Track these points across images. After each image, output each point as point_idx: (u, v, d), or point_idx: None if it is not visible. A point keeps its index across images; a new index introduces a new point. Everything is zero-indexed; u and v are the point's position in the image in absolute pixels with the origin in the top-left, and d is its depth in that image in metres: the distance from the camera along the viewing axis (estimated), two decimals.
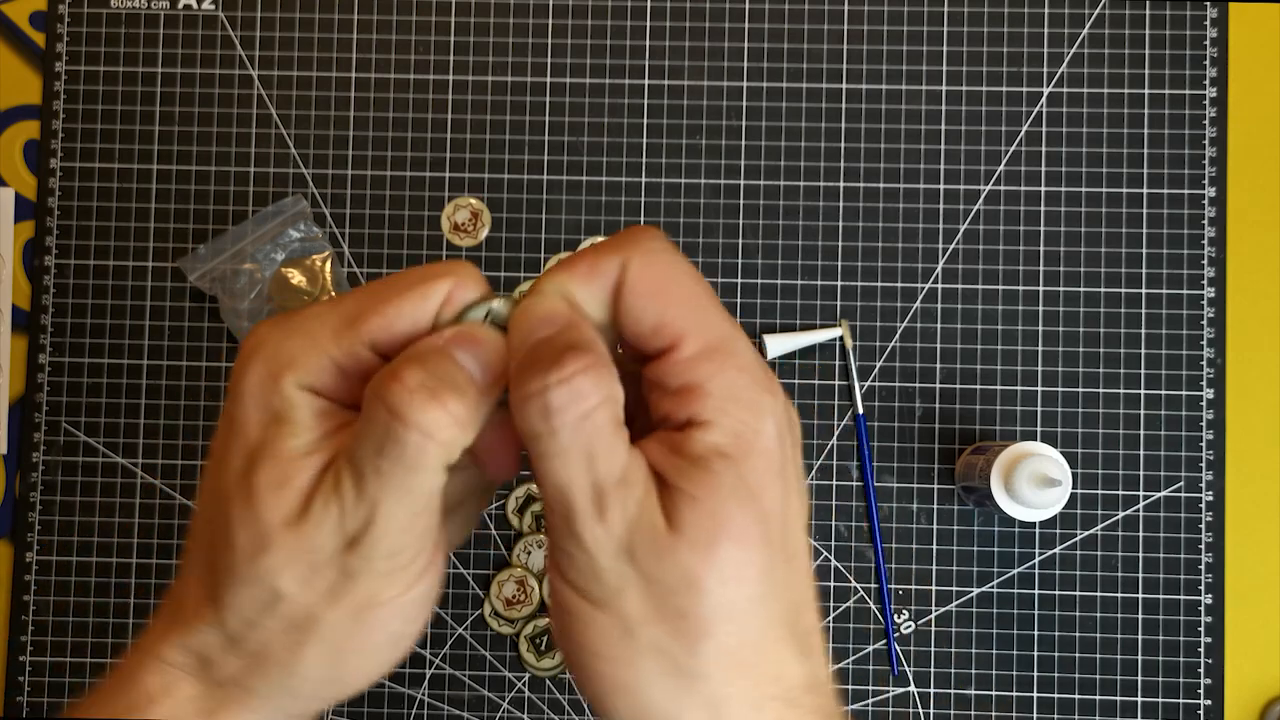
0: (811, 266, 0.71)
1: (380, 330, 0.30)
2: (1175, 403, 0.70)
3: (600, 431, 0.28)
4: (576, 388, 0.28)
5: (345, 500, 0.29)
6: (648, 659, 0.29)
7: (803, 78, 0.72)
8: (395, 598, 0.31)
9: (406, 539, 0.30)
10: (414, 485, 0.29)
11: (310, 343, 0.30)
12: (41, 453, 0.71)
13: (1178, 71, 0.71)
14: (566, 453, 0.28)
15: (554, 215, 0.72)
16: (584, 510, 0.28)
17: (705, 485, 0.28)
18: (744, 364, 0.29)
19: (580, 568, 0.29)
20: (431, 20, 0.73)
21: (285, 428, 0.30)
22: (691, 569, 0.28)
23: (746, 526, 0.28)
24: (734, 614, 0.29)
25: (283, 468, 0.30)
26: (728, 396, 0.29)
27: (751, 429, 0.29)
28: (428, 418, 0.28)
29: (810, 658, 0.30)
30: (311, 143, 0.73)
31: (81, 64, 0.73)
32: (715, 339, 0.29)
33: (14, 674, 0.70)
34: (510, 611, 0.69)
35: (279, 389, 0.30)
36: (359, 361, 0.30)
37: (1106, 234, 0.71)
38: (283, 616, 0.30)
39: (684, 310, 0.30)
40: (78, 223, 0.72)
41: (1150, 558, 0.69)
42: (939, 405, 0.70)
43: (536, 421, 0.28)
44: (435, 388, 0.28)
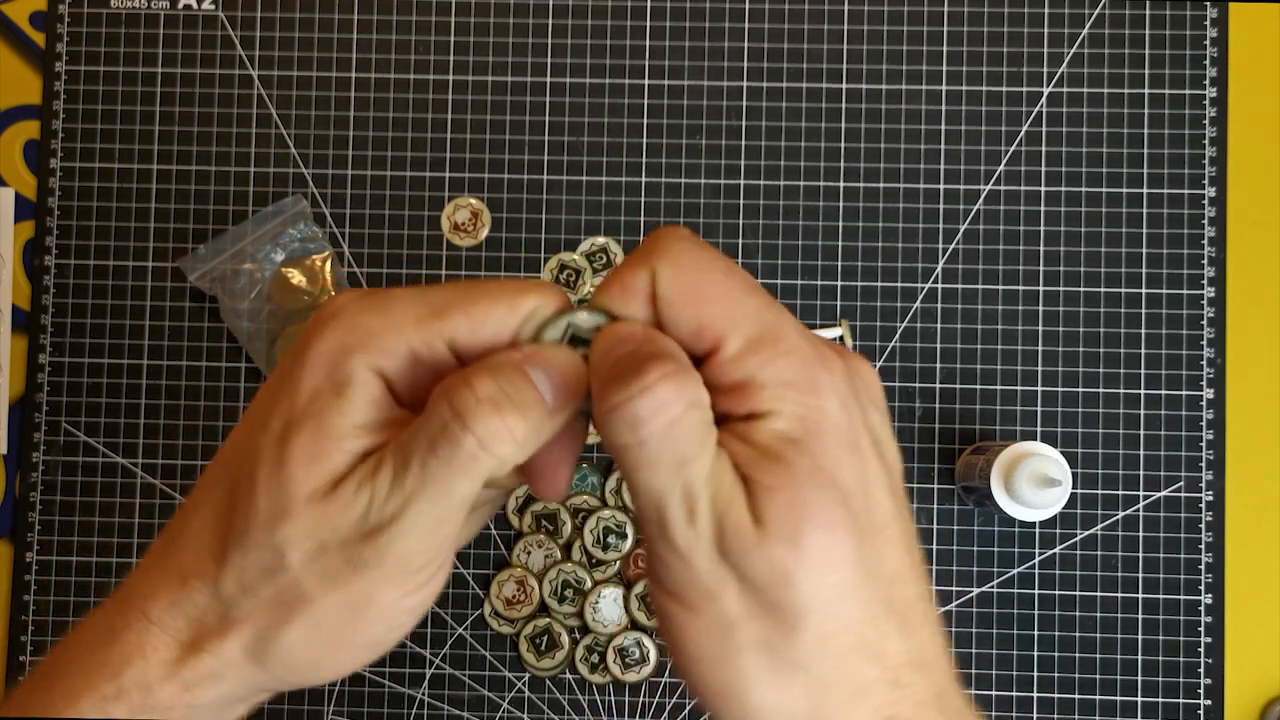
0: (811, 266, 0.71)
1: (464, 330, 0.30)
2: (1175, 403, 0.70)
3: (688, 436, 0.28)
4: (659, 396, 0.28)
5: (379, 490, 0.29)
6: (748, 656, 0.29)
7: (803, 78, 0.72)
8: (392, 601, 0.30)
9: (423, 544, 0.30)
10: (453, 490, 0.29)
11: (392, 324, 0.30)
12: (41, 453, 0.71)
13: (1178, 71, 0.71)
14: (657, 462, 0.28)
15: (554, 215, 0.72)
16: (676, 516, 0.28)
17: (780, 475, 0.28)
18: (791, 346, 0.29)
19: (676, 574, 0.29)
20: (431, 20, 0.73)
21: (339, 403, 0.30)
22: (780, 562, 0.28)
23: (827, 510, 0.28)
24: (827, 600, 0.28)
25: (322, 442, 0.29)
26: (782, 383, 0.29)
27: (814, 409, 0.29)
28: (488, 428, 0.28)
29: (914, 633, 0.30)
30: (311, 143, 0.73)
31: (81, 64, 0.73)
32: (757, 330, 0.29)
33: (14, 674, 0.70)
34: (510, 611, 0.69)
35: (347, 362, 0.30)
36: (434, 355, 0.30)
37: (1106, 234, 0.71)
38: (278, 587, 0.30)
39: (720, 308, 0.29)
40: (78, 223, 0.72)
41: (1150, 558, 0.69)
42: (939, 405, 0.70)
43: (624, 433, 0.28)
44: (502, 402, 0.29)
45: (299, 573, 0.30)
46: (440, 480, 0.29)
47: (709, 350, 0.29)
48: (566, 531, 0.70)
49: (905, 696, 0.29)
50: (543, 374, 0.30)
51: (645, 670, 0.69)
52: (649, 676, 0.69)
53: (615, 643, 0.69)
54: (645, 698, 0.69)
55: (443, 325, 0.30)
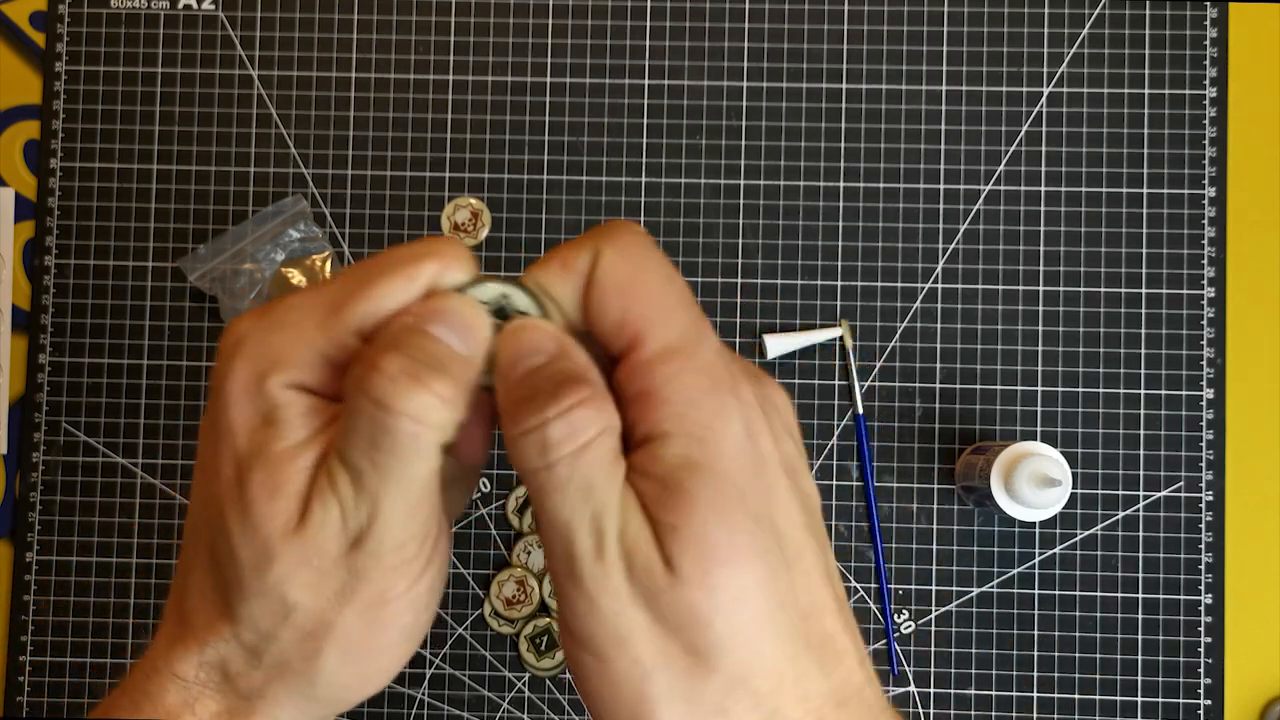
0: (811, 266, 0.71)
1: (366, 316, 0.29)
2: (1175, 403, 0.70)
3: (598, 464, 0.27)
4: (574, 421, 0.27)
5: (344, 499, 0.28)
6: (662, 705, 0.28)
7: (803, 78, 0.72)
8: (406, 590, 0.30)
9: (411, 529, 0.29)
10: (412, 474, 0.28)
11: (295, 336, 0.29)
12: (41, 453, 0.71)
13: (1178, 71, 0.71)
14: (564, 488, 0.27)
15: (554, 215, 0.72)
16: (584, 549, 0.27)
17: (684, 510, 0.27)
18: (703, 364, 0.28)
19: (582, 615, 0.28)
20: (431, 20, 0.73)
21: (274, 430, 0.29)
22: (694, 607, 0.27)
23: (734, 545, 0.27)
24: (741, 641, 0.27)
25: (275, 473, 0.28)
26: (685, 401, 0.27)
27: (715, 433, 0.27)
28: (415, 403, 0.27)
29: (833, 669, 0.28)
30: (311, 143, 0.73)
31: (81, 64, 0.73)
32: (676, 338, 0.28)
33: (14, 674, 0.70)
34: (510, 611, 0.69)
35: (265, 390, 0.29)
36: (347, 351, 0.29)
37: (1106, 234, 0.71)
38: (297, 626, 0.29)
39: (647, 307, 0.28)
40: (78, 223, 0.72)
41: (1150, 558, 0.69)
42: (939, 405, 0.70)
43: (534, 457, 0.27)
44: (416, 371, 0.27)
45: (309, 604, 0.29)
46: (395, 470, 0.28)
47: (624, 349, 0.28)
48: None
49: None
50: (445, 325, 0.28)
51: None
52: None
53: None
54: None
55: (344, 319, 0.29)
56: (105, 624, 0.70)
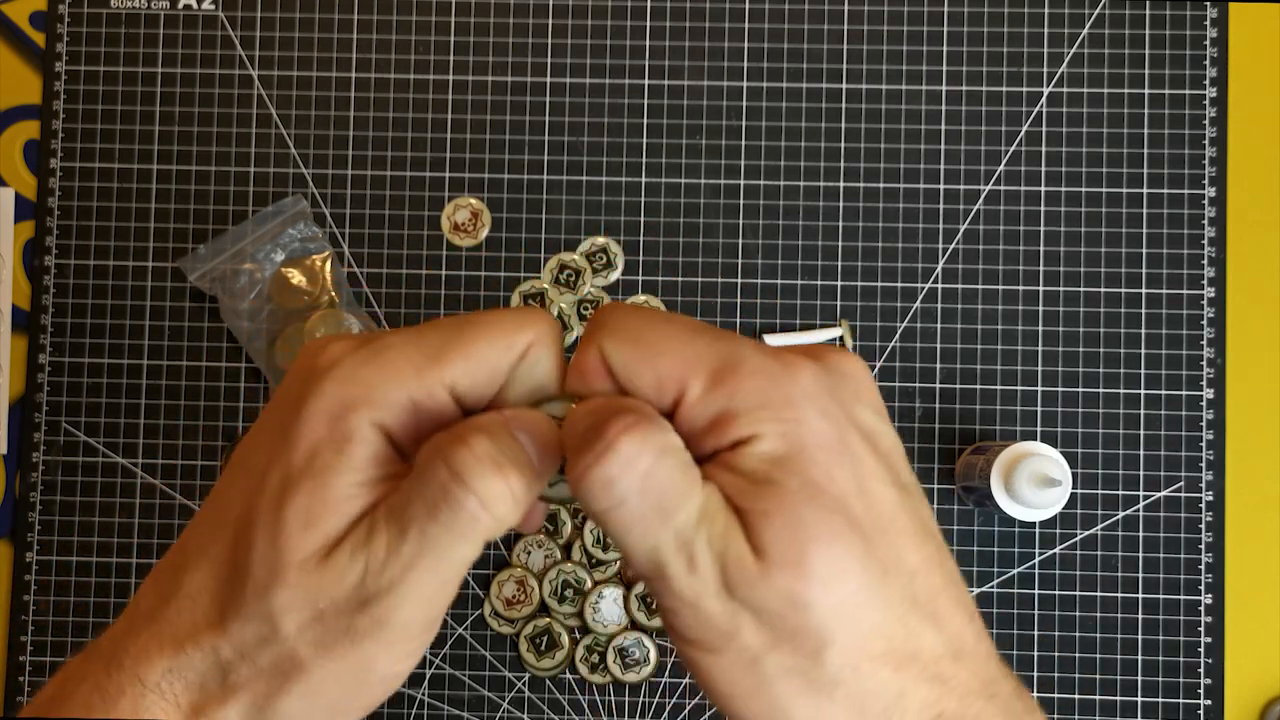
0: (811, 266, 0.71)
1: (463, 373, 0.29)
2: (1175, 403, 0.70)
3: (667, 485, 0.27)
4: (625, 451, 0.27)
5: (374, 557, 0.28)
6: (780, 684, 0.28)
7: (803, 78, 0.72)
8: (387, 666, 0.30)
9: (423, 611, 0.29)
10: (454, 555, 0.28)
11: (392, 375, 0.29)
12: (41, 453, 0.71)
13: (1178, 71, 0.71)
14: (642, 520, 0.27)
15: (554, 215, 0.72)
16: (677, 569, 0.28)
17: (771, 499, 0.28)
18: (754, 368, 0.29)
19: (689, 621, 0.28)
20: (431, 20, 0.73)
21: (340, 461, 0.29)
22: (789, 589, 0.27)
23: (826, 523, 0.28)
24: (846, 613, 0.28)
25: (318, 503, 0.28)
26: (755, 406, 0.28)
27: (793, 423, 0.28)
28: (490, 488, 0.28)
29: (946, 623, 0.29)
30: (311, 143, 0.73)
31: (81, 64, 0.73)
32: (715, 364, 0.29)
33: (14, 674, 0.70)
34: (510, 611, 0.69)
35: (350, 417, 0.29)
36: (435, 403, 0.29)
37: (1106, 234, 0.71)
38: (273, 655, 0.29)
39: (672, 357, 0.29)
40: (78, 223, 0.72)
41: (1150, 558, 0.69)
42: (939, 405, 0.70)
43: (600, 498, 0.27)
44: (501, 460, 0.28)
45: (295, 642, 0.29)
46: (441, 545, 0.28)
47: (676, 399, 0.29)
48: (566, 531, 0.70)
49: (949, 691, 0.29)
50: (525, 434, 0.29)
51: (645, 670, 0.69)
52: (649, 676, 0.69)
53: (615, 643, 0.69)
54: (645, 698, 0.69)
55: (443, 370, 0.29)
56: (105, 624, 0.70)
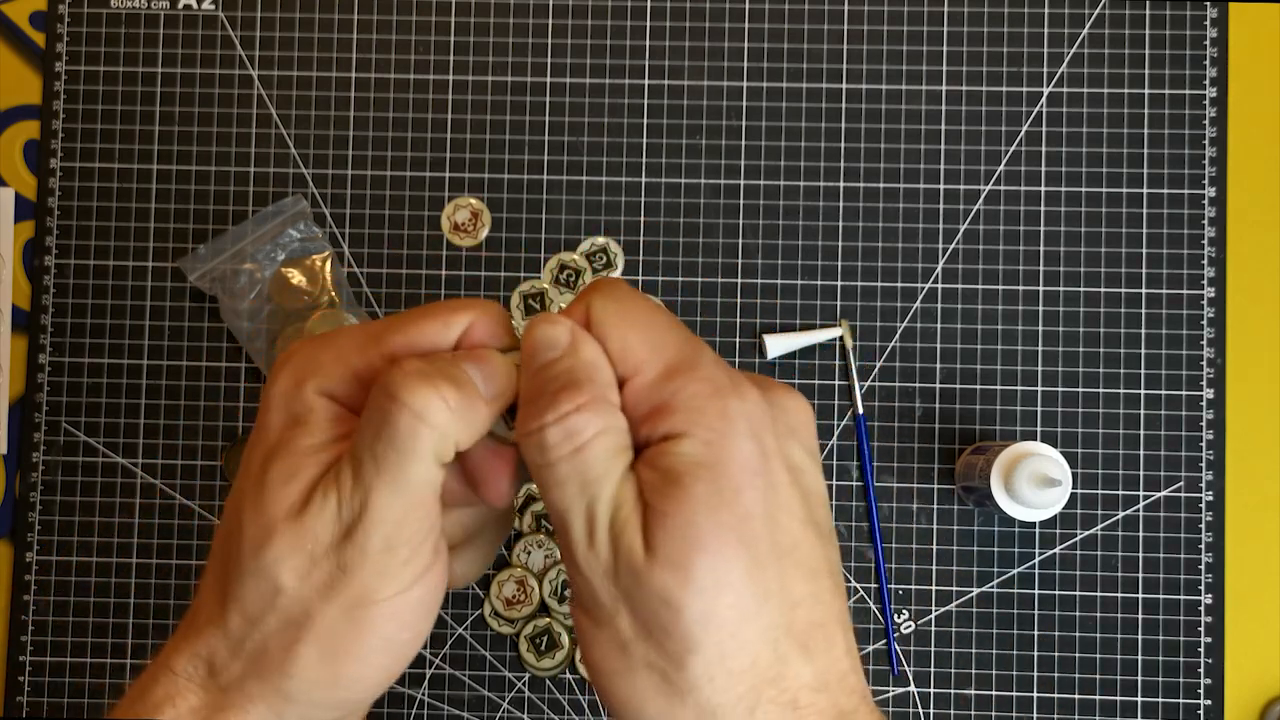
0: (811, 266, 0.71)
1: (400, 346, 0.32)
2: (1175, 403, 0.70)
3: (593, 462, 0.30)
4: (570, 426, 0.29)
5: (343, 489, 0.30)
6: (642, 674, 0.30)
7: (803, 78, 0.72)
8: (390, 597, 0.31)
9: (401, 532, 0.31)
10: (408, 473, 0.30)
11: (335, 354, 0.32)
12: (41, 453, 0.71)
13: (1178, 71, 0.71)
14: (563, 483, 0.30)
15: (554, 215, 0.72)
16: (578, 536, 0.30)
17: (676, 500, 0.29)
18: (705, 374, 0.30)
19: (580, 589, 0.31)
20: (431, 20, 0.73)
21: (301, 428, 0.31)
22: (666, 588, 0.29)
23: (719, 535, 0.29)
24: (718, 623, 0.29)
25: (293, 463, 0.31)
26: (693, 408, 0.30)
27: (719, 433, 0.30)
28: (419, 398, 0.29)
29: (816, 656, 0.30)
30: (311, 143, 0.73)
31: (81, 64, 0.73)
32: (674, 359, 0.31)
33: (14, 674, 0.70)
34: (510, 611, 0.69)
35: (300, 394, 0.32)
36: (376, 372, 0.32)
37: (1106, 234, 0.71)
38: (281, 611, 0.31)
39: (643, 335, 0.31)
40: (78, 223, 0.72)
41: (1150, 558, 0.69)
42: (939, 405, 0.70)
43: (535, 454, 0.30)
44: (430, 374, 0.30)
45: (295, 589, 0.31)
46: (391, 464, 0.30)
47: (629, 374, 0.31)
48: None
49: (803, 717, 0.30)
50: (474, 365, 0.31)
51: None
52: None
53: None
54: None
55: (380, 345, 0.32)
56: (105, 624, 0.70)
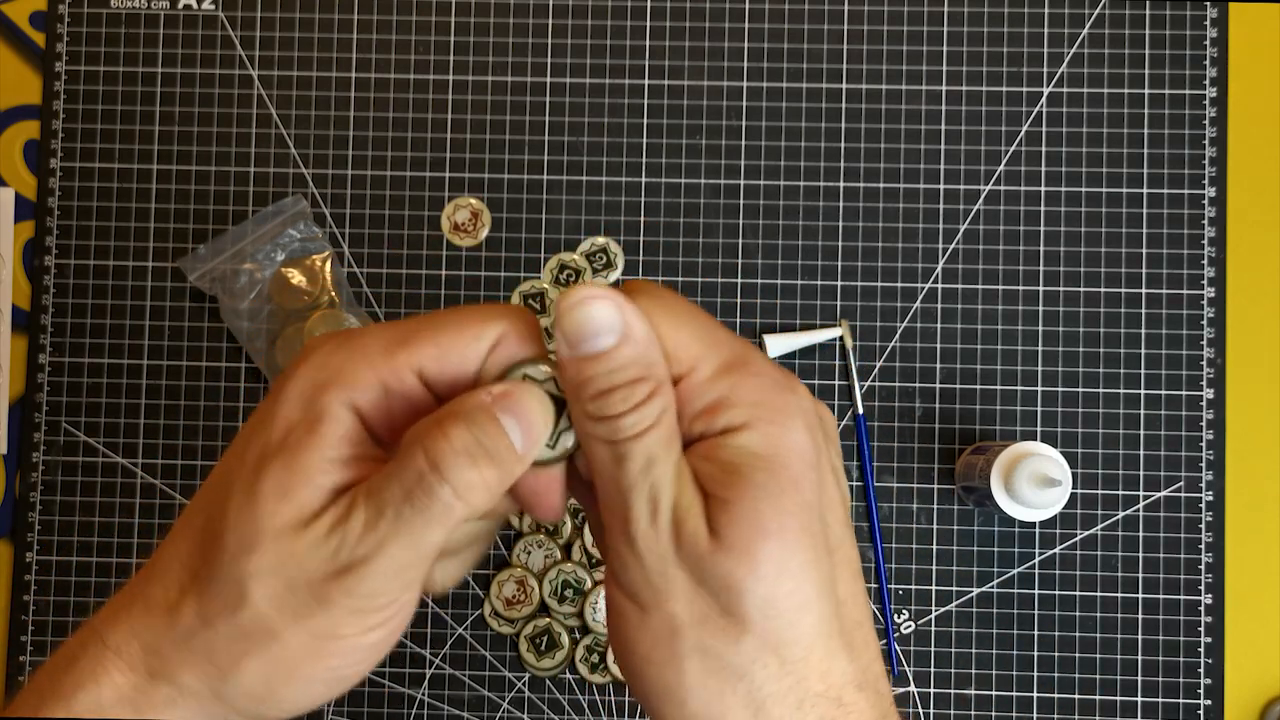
0: (811, 266, 0.71)
1: (430, 359, 0.31)
2: (1175, 403, 0.70)
3: (659, 442, 0.30)
4: (642, 412, 0.29)
5: (351, 533, 0.29)
6: (693, 660, 0.30)
7: (803, 78, 0.72)
8: (353, 636, 0.31)
9: (391, 584, 0.30)
10: (425, 537, 0.30)
11: (360, 357, 0.31)
12: (41, 453, 0.71)
13: (1178, 71, 0.71)
14: (627, 461, 0.30)
15: (554, 215, 0.72)
16: (640, 513, 0.30)
17: (739, 488, 0.29)
18: (761, 370, 0.31)
19: (631, 570, 0.30)
20: (431, 20, 0.73)
21: (312, 438, 0.30)
22: (731, 572, 0.29)
23: (783, 523, 0.29)
24: (776, 611, 0.29)
25: (293, 475, 0.30)
26: (753, 401, 0.30)
27: (780, 425, 0.30)
28: (465, 480, 0.29)
29: (859, 654, 0.31)
30: (311, 143, 0.73)
31: (81, 64, 0.73)
32: (728, 356, 0.31)
33: (14, 674, 0.70)
34: (510, 611, 0.69)
35: (322, 397, 0.30)
36: (404, 386, 0.31)
37: (1106, 234, 0.71)
38: (241, 624, 0.30)
39: (692, 337, 0.31)
40: (78, 223, 0.72)
41: (1150, 558, 0.69)
42: (939, 405, 0.70)
43: (604, 435, 0.30)
44: (477, 453, 0.29)
45: (263, 608, 0.30)
46: (414, 527, 0.29)
47: (682, 371, 0.31)
48: (566, 531, 0.70)
49: (846, 714, 0.30)
50: (513, 419, 0.30)
51: None
52: None
53: None
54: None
55: (410, 354, 0.31)
56: None
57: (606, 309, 0.30)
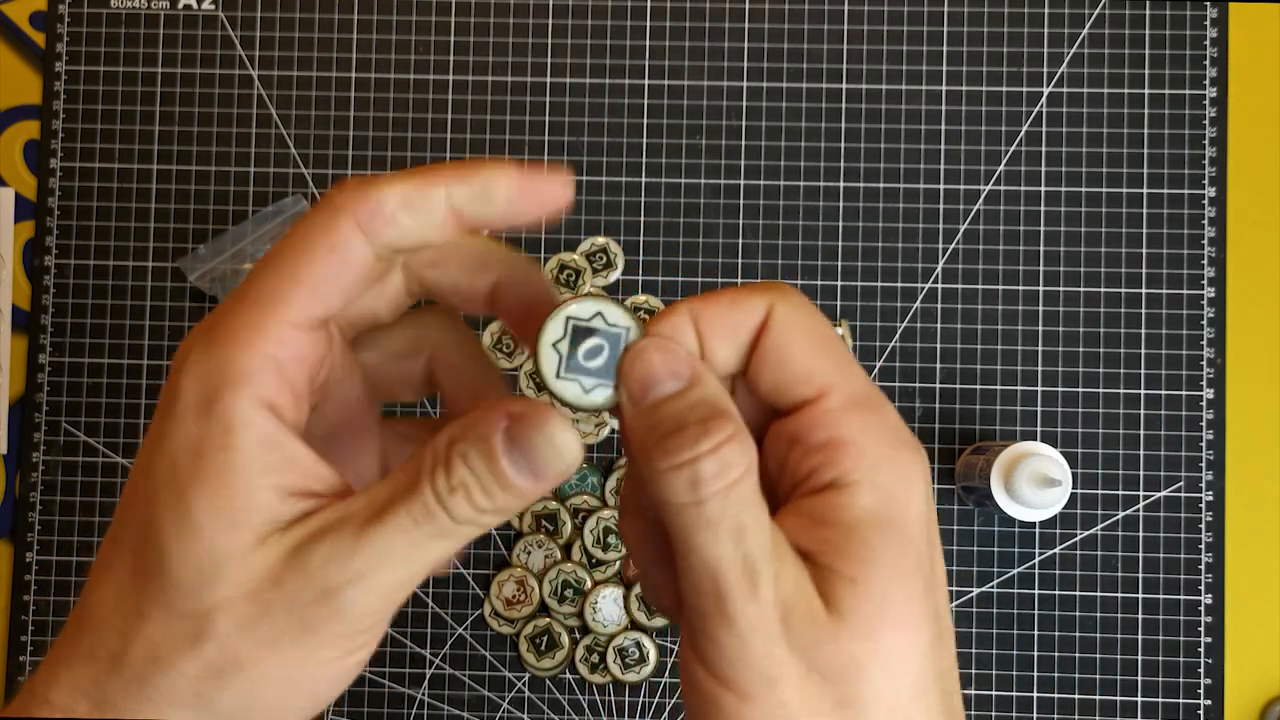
0: (811, 266, 0.71)
1: (304, 306, 0.27)
2: (1175, 403, 0.70)
3: (747, 501, 0.26)
4: (726, 458, 0.26)
5: (340, 548, 0.27)
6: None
7: (803, 78, 0.72)
8: (337, 659, 0.28)
9: (382, 604, 0.27)
10: (429, 555, 0.27)
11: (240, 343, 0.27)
12: (41, 453, 0.71)
13: (1178, 71, 0.71)
14: (716, 525, 0.26)
15: None
16: (736, 588, 0.26)
17: (862, 562, 0.26)
18: (892, 422, 0.28)
19: (729, 654, 0.26)
20: (431, 20, 0.73)
21: (230, 456, 0.26)
22: (857, 656, 0.26)
23: (911, 608, 0.27)
24: (895, 701, 0.27)
25: (232, 500, 0.26)
26: (880, 455, 0.27)
27: (904, 493, 0.27)
28: (463, 513, 0.27)
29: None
30: (311, 143, 0.73)
31: (81, 64, 0.73)
32: (862, 393, 0.28)
33: (14, 674, 0.70)
34: (510, 611, 0.69)
35: (218, 408, 0.27)
36: (300, 348, 0.27)
37: (1106, 234, 0.71)
38: (205, 658, 0.27)
39: (830, 361, 0.28)
40: (78, 223, 0.72)
41: (1150, 558, 0.69)
42: (939, 405, 0.70)
43: (683, 492, 0.26)
44: (475, 492, 0.27)
45: (233, 640, 0.27)
46: (416, 543, 0.27)
47: (808, 399, 0.28)
48: (566, 531, 0.70)
49: None
50: (523, 462, 0.27)
51: (645, 670, 0.69)
52: (649, 676, 0.69)
53: (615, 643, 0.69)
54: (645, 698, 0.69)
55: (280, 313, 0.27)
56: None
57: (671, 354, 0.27)
